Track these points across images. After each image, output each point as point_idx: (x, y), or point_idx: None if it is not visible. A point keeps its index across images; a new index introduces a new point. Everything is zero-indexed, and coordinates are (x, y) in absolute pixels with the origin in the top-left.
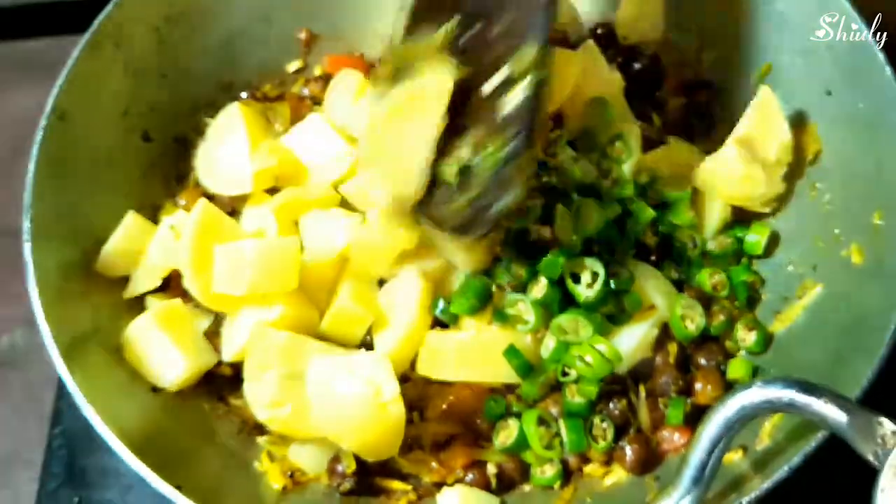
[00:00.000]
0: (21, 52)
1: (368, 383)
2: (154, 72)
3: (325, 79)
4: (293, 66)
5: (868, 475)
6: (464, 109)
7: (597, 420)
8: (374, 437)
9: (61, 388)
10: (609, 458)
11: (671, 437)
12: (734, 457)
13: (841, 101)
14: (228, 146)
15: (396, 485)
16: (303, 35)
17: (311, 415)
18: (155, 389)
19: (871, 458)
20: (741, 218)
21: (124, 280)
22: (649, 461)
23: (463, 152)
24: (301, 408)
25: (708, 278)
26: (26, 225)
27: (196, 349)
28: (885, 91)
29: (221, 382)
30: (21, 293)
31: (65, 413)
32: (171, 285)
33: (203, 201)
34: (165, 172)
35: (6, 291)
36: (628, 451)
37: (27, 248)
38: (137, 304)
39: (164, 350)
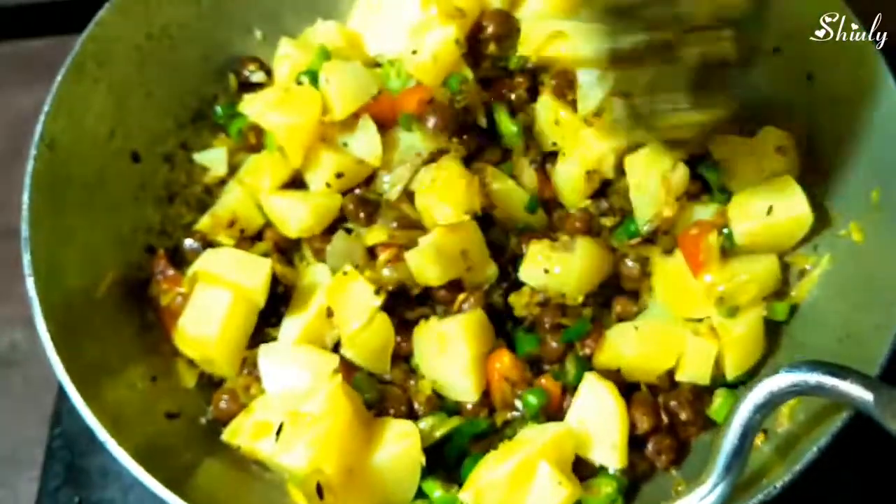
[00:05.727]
0: (21, 52)
1: None
2: (138, 90)
3: None
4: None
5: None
6: None
7: None
8: None
9: (61, 388)
10: None
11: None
12: (756, 441)
13: (826, 82)
14: None
15: None
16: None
17: None
18: (170, 415)
19: None
20: None
21: (129, 303)
22: (681, 455)
23: None
24: None
25: None
26: (26, 258)
27: None
28: (871, 66)
29: None
30: (21, 293)
31: (65, 413)
32: None
33: None
34: (157, 193)
35: (6, 291)
36: (664, 449)
37: (29, 281)
38: (145, 327)
39: None
